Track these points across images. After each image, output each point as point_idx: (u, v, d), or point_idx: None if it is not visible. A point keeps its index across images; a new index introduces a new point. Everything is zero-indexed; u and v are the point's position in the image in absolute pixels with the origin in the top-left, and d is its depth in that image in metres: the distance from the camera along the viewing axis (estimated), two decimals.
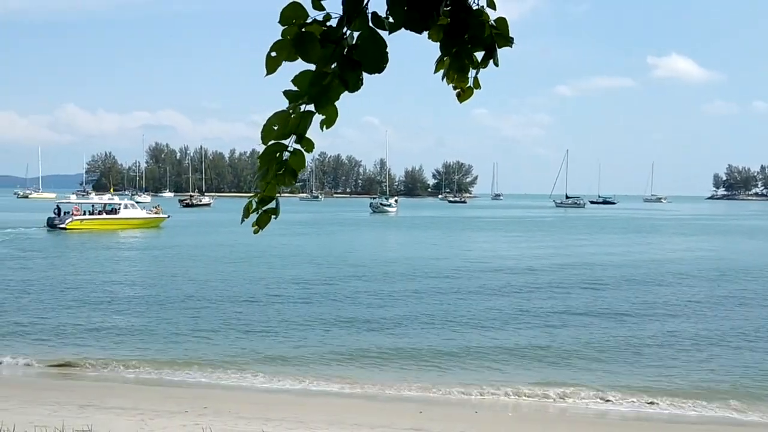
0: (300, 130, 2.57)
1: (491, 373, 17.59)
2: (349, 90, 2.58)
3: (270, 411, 13.21)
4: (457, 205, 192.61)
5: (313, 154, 3.29)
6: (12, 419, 9.09)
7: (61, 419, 9.64)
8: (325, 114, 2.58)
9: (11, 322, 22.86)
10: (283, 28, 2.52)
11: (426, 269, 37.72)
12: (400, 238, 64.98)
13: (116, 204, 68.89)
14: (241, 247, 48.65)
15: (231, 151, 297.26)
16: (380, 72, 2.56)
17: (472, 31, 2.69)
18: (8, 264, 38.87)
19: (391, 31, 2.55)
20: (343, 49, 2.54)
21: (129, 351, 19.52)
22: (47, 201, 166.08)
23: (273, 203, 2.66)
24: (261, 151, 2.60)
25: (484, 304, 26.97)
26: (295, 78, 2.54)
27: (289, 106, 2.57)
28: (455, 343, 20.62)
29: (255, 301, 27.11)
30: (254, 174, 2.53)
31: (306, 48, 2.51)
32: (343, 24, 2.50)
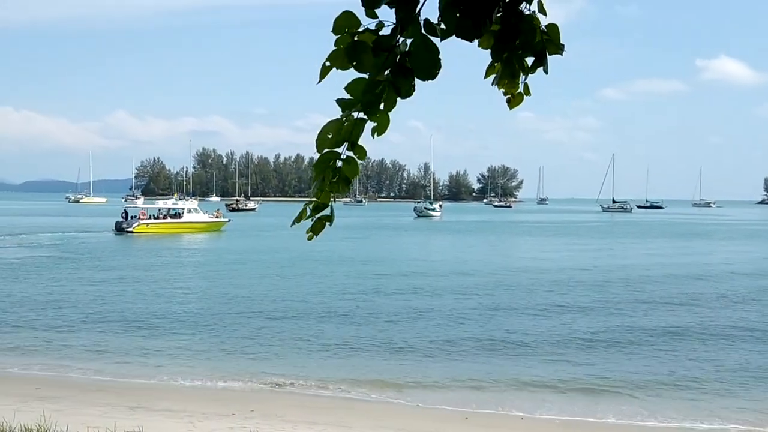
0: (353, 138, 2.60)
1: (538, 380, 17.41)
2: (401, 96, 2.60)
3: (316, 415, 13.28)
4: (502, 209, 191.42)
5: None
6: (65, 420, 9.29)
7: (113, 420, 9.83)
8: (378, 121, 2.61)
9: (77, 321, 23.40)
10: (336, 37, 2.55)
11: (471, 275, 37.54)
12: (445, 243, 64.89)
13: (180, 208, 71.16)
14: (292, 251, 49.19)
15: (276, 156, 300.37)
16: (433, 78, 2.57)
17: (523, 37, 2.69)
18: (86, 264, 40.87)
19: (443, 38, 2.56)
20: (395, 57, 2.56)
21: (181, 353, 19.83)
22: (98, 205, 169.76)
23: (327, 210, 2.69)
24: (315, 159, 2.64)
25: (530, 311, 26.73)
26: (349, 86, 2.56)
27: (342, 114, 2.60)
28: (501, 348, 20.50)
29: (302, 305, 27.29)
30: (299, 179, 2.55)
31: (359, 57, 2.53)
32: (396, 32, 2.53)
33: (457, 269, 39.98)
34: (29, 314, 25.11)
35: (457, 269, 40.00)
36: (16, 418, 9.03)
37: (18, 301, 27.93)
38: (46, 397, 14.00)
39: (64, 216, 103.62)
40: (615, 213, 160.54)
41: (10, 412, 10.43)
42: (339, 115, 2.60)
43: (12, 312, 25.58)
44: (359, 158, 2.63)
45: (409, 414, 14.33)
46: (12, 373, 17.42)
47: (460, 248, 57.19)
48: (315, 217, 2.67)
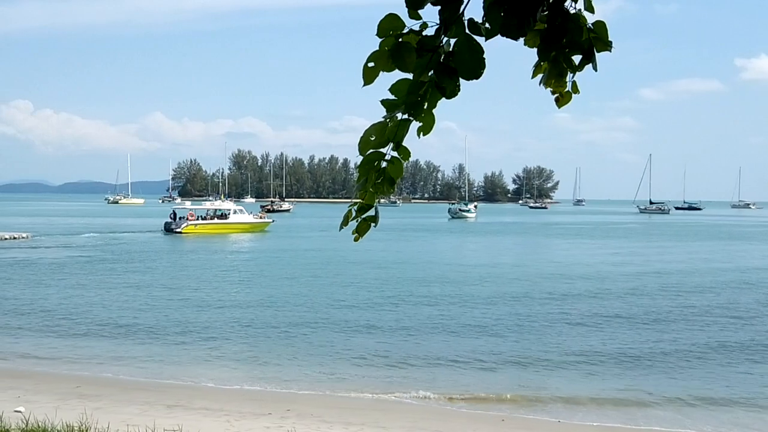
0: (397, 139, 2.59)
1: (574, 383, 17.25)
2: (446, 97, 2.59)
3: (351, 415, 13.30)
4: (538, 210, 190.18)
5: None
6: (106, 418, 9.41)
7: (152, 419, 9.93)
8: (423, 121, 2.59)
9: (123, 318, 23.76)
10: (381, 39, 2.54)
11: (506, 280, 37.23)
12: (480, 245, 64.57)
13: (226, 210, 72.84)
14: (331, 252, 49.94)
15: (310, 157, 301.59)
16: (477, 78, 2.55)
17: (569, 35, 2.65)
18: (138, 264, 42.16)
19: (488, 37, 2.54)
20: (439, 57, 2.55)
21: (219, 352, 20.01)
22: (136, 206, 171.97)
23: (372, 211, 2.68)
24: (360, 161, 2.63)
25: (564, 314, 26.51)
26: (393, 87, 2.55)
27: (386, 115, 2.59)
28: (537, 351, 20.35)
29: (342, 306, 27.40)
30: (333, 180, 2.55)
31: (403, 58, 2.52)
32: (440, 32, 2.51)
33: (491, 274, 39.70)
34: (81, 311, 25.58)
35: (491, 274, 39.73)
36: (58, 415, 9.16)
37: (66, 300, 28.43)
38: (86, 395, 14.20)
39: (112, 217, 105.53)
40: (652, 214, 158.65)
41: (52, 409, 10.61)
42: (378, 117, 2.60)
43: (64, 309, 26.06)
44: (403, 159, 2.63)
45: (445, 416, 14.27)
46: (53, 372, 17.71)
47: (495, 251, 56.82)
48: (360, 219, 2.67)
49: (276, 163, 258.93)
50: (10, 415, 9.89)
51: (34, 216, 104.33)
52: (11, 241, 57.12)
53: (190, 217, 69.89)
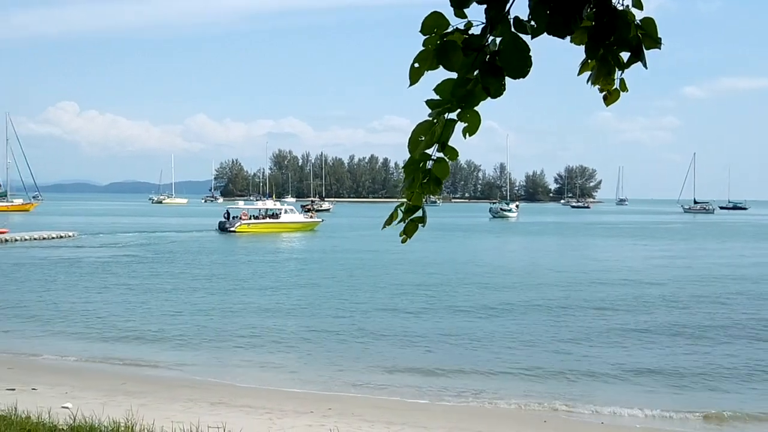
0: (443, 139, 2.58)
1: (619, 387, 17.03)
2: (491, 96, 2.57)
3: (393, 415, 13.30)
4: (580, 210, 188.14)
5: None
6: (151, 414, 9.54)
7: (196, 416, 10.04)
8: (468, 121, 2.58)
9: (171, 313, 24.12)
10: (425, 38, 2.53)
11: (548, 280, 36.89)
12: (522, 245, 64.16)
13: (278, 209, 74.65)
14: (376, 253, 50.07)
15: (350, 157, 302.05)
16: (524, 77, 2.53)
17: (617, 32, 2.61)
18: (195, 261, 44.19)
19: (534, 35, 2.51)
20: (485, 56, 2.53)
21: (263, 348, 20.18)
22: (179, 206, 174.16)
23: (420, 212, 2.67)
24: (406, 161, 2.62)
25: (607, 321, 26.15)
26: (438, 86, 2.54)
27: (431, 115, 2.58)
28: (578, 352, 20.17)
29: (385, 309, 27.41)
30: (372, 180, 2.55)
31: (449, 57, 2.51)
32: (486, 31, 2.49)
33: (532, 276, 39.36)
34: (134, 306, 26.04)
35: (532, 276, 39.39)
36: (104, 411, 9.32)
37: (124, 297, 28.95)
38: (131, 392, 14.42)
39: (158, 216, 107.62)
40: (697, 214, 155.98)
41: (98, 406, 10.78)
42: (418, 116, 2.59)
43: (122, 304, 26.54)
44: (450, 159, 2.62)
45: (487, 416, 14.20)
46: (99, 369, 18.03)
47: (536, 252, 56.24)
48: (407, 220, 2.66)
49: (316, 163, 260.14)
50: (57, 411, 10.09)
51: (85, 215, 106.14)
52: (63, 239, 58.46)
53: (244, 216, 71.62)
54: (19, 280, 34.74)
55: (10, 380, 15.03)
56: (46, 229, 63.80)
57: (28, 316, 25.41)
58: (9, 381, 14.89)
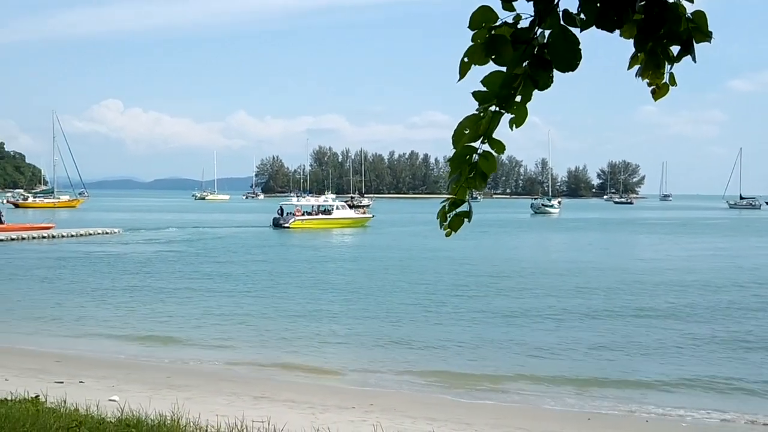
0: (489, 132, 2.57)
1: (665, 388, 16.78)
2: (539, 89, 2.55)
3: (436, 412, 13.30)
4: (623, 206, 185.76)
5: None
6: (196, 408, 9.66)
7: (240, 410, 10.14)
8: (516, 113, 2.57)
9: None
10: (474, 32, 2.52)
11: (595, 277, 36.51)
12: (566, 241, 63.67)
13: (330, 205, 76.31)
14: (422, 249, 50.10)
15: (390, 153, 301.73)
16: (573, 70, 2.51)
17: (667, 25, 2.58)
18: (252, 257, 45.20)
19: (583, 28, 2.49)
20: (533, 49, 2.51)
21: (306, 344, 20.34)
22: (222, 202, 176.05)
23: (465, 206, 2.66)
24: (452, 155, 2.61)
25: (648, 315, 25.85)
26: (485, 79, 2.53)
27: (479, 108, 2.57)
28: (621, 351, 19.95)
29: (431, 305, 27.46)
30: (413, 176, 2.54)
31: (498, 50, 2.50)
32: (534, 24, 2.48)
33: (576, 273, 39.03)
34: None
35: (577, 274, 39.06)
36: (151, 404, 9.46)
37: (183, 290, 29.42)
38: (176, 386, 14.63)
39: (209, 213, 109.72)
40: (743, 210, 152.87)
41: (144, 399, 10.95)
42: (458, 112, 2.58)
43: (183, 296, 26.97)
44: (497, 152, 2.60)
45: (530, 414, 14.13)
46: (145, 362, 18.33)
47: (580, 249, 55.65)
48: (452, 214, 2.66)
49: (356, 159, 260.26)
50: (105, 404, 10.27)
51: (131, 211, 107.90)
52: (108, 236, 59.52)
53: (297, 212, 73.02)
54: (64, 275, 35.45)
55: (58, 373, 15.35)
56: (93, 226, 64.98)
57: (74, 310, 25.93)
58: (57, 374, 15.21)
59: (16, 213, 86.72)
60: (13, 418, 8.36)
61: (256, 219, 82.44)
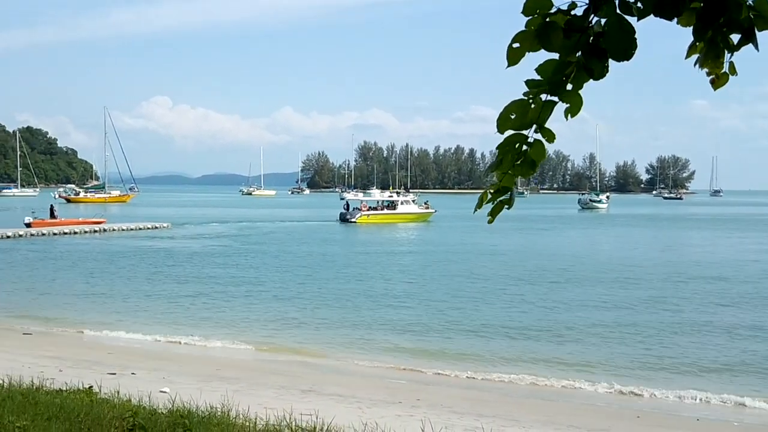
0: (540, 120, 2.54)
1: (717, 384, 16.48)
2: (594, 78, 2.51)
3: (483, 407, 13.24)
4: (672, 201, 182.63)
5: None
6: (245, 400, 9.75)
7: (288, 403, 10.21)
8: (571, 102, 2.53)
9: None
10: (527, 19, 2.49)
11: (644, 274, 35.97)
12: (615, 237, 62.83)
13: (395, 200, 77.74)
14: (474, 245, 50.11)
15: (435, 147, 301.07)
16: (628, 59, 2.46)
17: (728, 13, 2.51)
18: (322, 250, 46.26)
19: (640, 17, 2.45)
20: (588, 38, 2.47)
21: (357, 339, 20.45)
22: (268, 198, 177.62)
23: (508, 194, 2.64)
24: (500, 141, 2.59)
25: (703, 312, 25.39)
26: (540, 66, 2.50)
27: (527, 93, 2.54)
28: (672, 347, 19.65)
29: (482, 299, 27.51)
30: (458, 171, 2.52)
31: (550, 38, 2.46)
32: (589, 12, 2.44)
33: (629, 268, 38.53)
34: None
35: (630, 268, 38.55)
36: (201, 396, 9.58)
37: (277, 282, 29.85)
38: (225, 378, 14.80)
39: (261, 208, 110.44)
40: None
41: (195, 391, 11.10)
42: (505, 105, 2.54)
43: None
44: (548, 141, 2.58)
45: (580, 411, 13.99)
46: (194, 355, 18.60)
47: (632, 244, 54.96)
48: (495, 201, 2.65)
49: (401, 154, 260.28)
50: (156, 396, 10.43)
51: (181, 206, 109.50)
52: (158, 230, 60.56)
53: (364, 207, 74.88)
54: (117, 268, 36.15)
55: (110, 365, 15.64)
56: (146, 220, 66.11)
57: (127, 302, 26.45)
58: (110, 366, 15.49)
59: (68, 208, 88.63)
60: (68, 408, 8.54)
61: (317, 214, 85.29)
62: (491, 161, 2.55)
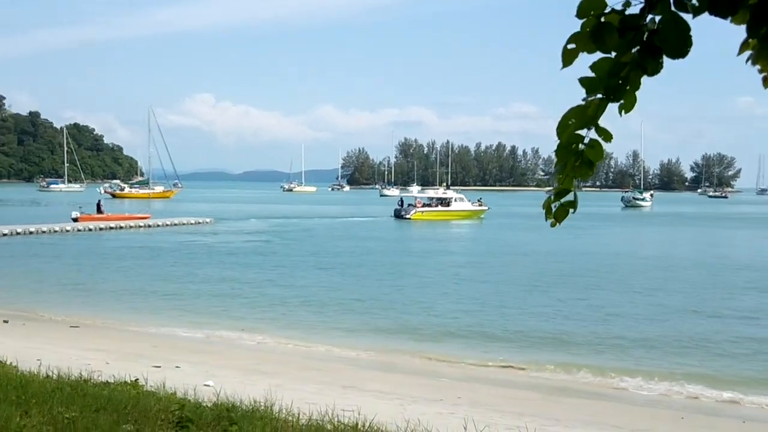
0: (595, 120, 2.54)
1: (764, 387, 16.18)
2: (648, 75, 2.51)
3: (524, 407, 13.17)
4: (717, 200, 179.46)
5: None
6: (287, 395, 9.82)
7: (330, 398, 10.29)
8: (625, 99, 2.53)
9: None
10: (582, 21, 2.50)
11: (697, 272, 35.50)
12: (658, 235, 61.98)
13: (448, 197, 77.73)
14: (524, 243, 50.14)
15: (477, 144, 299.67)
16: (683, 57, 2.46)
17: None
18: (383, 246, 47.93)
19: (696, 14, 2.43)
20: (642, 36, 2.47)
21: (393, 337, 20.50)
22: (309, 194, 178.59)
23: (570, 196, 2.64)
24: (557, 145, 2.59)
25: (746, 313, 24.92)
26: (594, 65, 2.50)
27: (585, 97, 2.54)
28: (722, 348, 19.32)
29: (507, 294, 27.26)
30: (500, 168, 2.52)
31: (604, 38, 2.46)
32: (644, 11, 2.43)
33: (668, 266, 38.00)
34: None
35: (669, 267, 38.00)
36: (244, 390, 9.70)
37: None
38: (266, 372, 14.95)
39: (318, 205, 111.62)
40: None
41: (238, 384, 11.25)
42: (545, 103, 2.58)
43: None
44: (605, 140, 2.57)
45: (622, 411, 13.84)
46: (237, 348, 18.80)
47: (683, 242, 54.22)
48: (558, 204, 2.64)
49: (442, 151, 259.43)
50: (201, 389, 10.59)
51: (227, 202, 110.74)
52: (200, 225, 61.36)
53: (418, 204, 75.69)
54: (162, 262, 36.71)
55: (155, 358, 15.88)
56: (190, 216, 67.02)
57: (172, 296, 26.84)
58: (154, 359, 15.74)
59: (113, 203, 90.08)
60: (116, 400, 8.71)
61: (363, 211, 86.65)
62: (532, 158, 2.55)
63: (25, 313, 22.78)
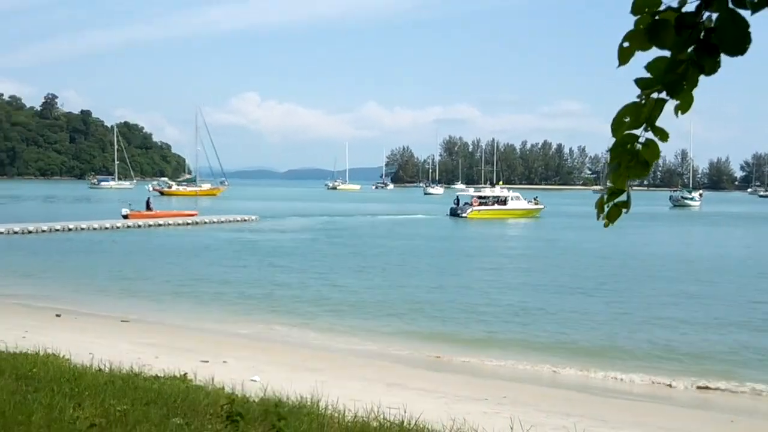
0: (652, 120, 2.51)
1: None
2: (705, 74, 2.47)
3: (571, 407, 13.05)
4: None
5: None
6: (333, 392, 9.88)
7: (376, 396, 10.32)
8: (681, 99, 2.50)
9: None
10: (636, 18, 2.47)
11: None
12: (707, 235, 60.88)
13: (505, 196, 77.48)
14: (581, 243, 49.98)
15: (522, 142, 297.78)
16: (742, 54, 2.41)
17: None
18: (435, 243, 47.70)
19: (755, 11, 2.39)
20: (699, 33, 2.44)
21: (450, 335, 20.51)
22: (353, 192, 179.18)
23: (624, 196, 2.62)
24: (612, 144, 2.57)
25: None
26: (650, 64, 2.47)
27: (640, 95, 2.51)
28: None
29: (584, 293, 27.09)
30: (545, 166, 2.50)
31: (660, 35, 2.43)
32: (701, 8, 2.40)
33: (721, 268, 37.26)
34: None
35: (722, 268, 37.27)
36: (291, 386, 9.79)
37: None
38: (313, 369, 15.05)
39: (364, 202, 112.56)
40: None
41: (285, 380, 11.35)
42: (591, 100, 2.55)
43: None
44: (661, 140, 2.54)
45: (669, 413, 13.63)
46: (284, 344, 18.97)
47: (725, 243, 53.11)
48: (611, 204, 2.62)
49: (487, 149, 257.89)
50: (248, 384, 10.72)
51: (274, 200, 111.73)
52: (246, 222, 62.05)
53: (475, 202, 75.29)
54: (209, 258, 37.19)
55: (203, 353, 16.10)
56: (237, 213, 67.75)
57: (220, 292, 27.17)
58: (202, 353, 15.96)
59: (161, 200, 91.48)
60: (165, 393, 8.88)
61: (433, 209, 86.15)
62: (579, 156, 2.53)
63: (77, 307, 23.27)
